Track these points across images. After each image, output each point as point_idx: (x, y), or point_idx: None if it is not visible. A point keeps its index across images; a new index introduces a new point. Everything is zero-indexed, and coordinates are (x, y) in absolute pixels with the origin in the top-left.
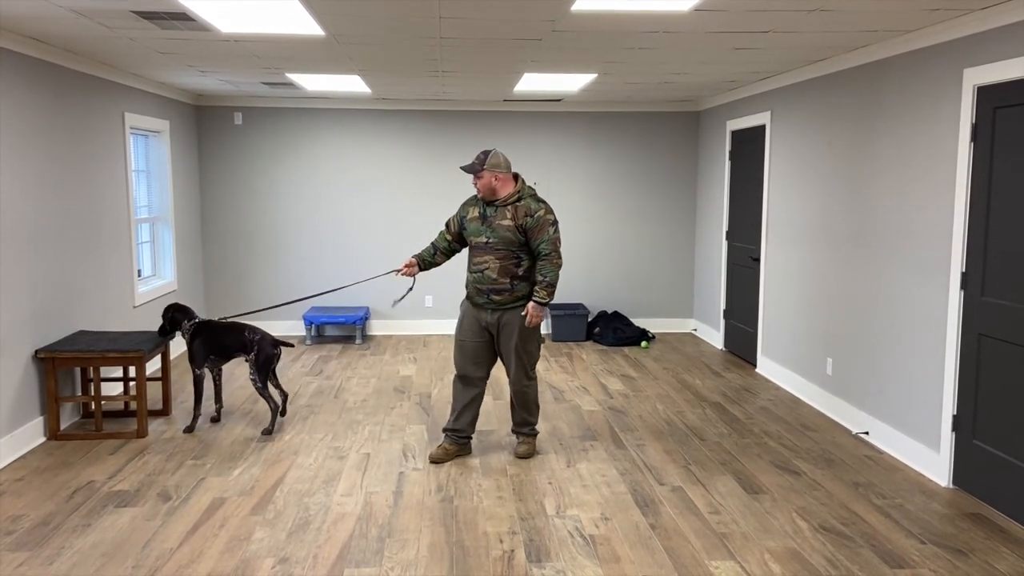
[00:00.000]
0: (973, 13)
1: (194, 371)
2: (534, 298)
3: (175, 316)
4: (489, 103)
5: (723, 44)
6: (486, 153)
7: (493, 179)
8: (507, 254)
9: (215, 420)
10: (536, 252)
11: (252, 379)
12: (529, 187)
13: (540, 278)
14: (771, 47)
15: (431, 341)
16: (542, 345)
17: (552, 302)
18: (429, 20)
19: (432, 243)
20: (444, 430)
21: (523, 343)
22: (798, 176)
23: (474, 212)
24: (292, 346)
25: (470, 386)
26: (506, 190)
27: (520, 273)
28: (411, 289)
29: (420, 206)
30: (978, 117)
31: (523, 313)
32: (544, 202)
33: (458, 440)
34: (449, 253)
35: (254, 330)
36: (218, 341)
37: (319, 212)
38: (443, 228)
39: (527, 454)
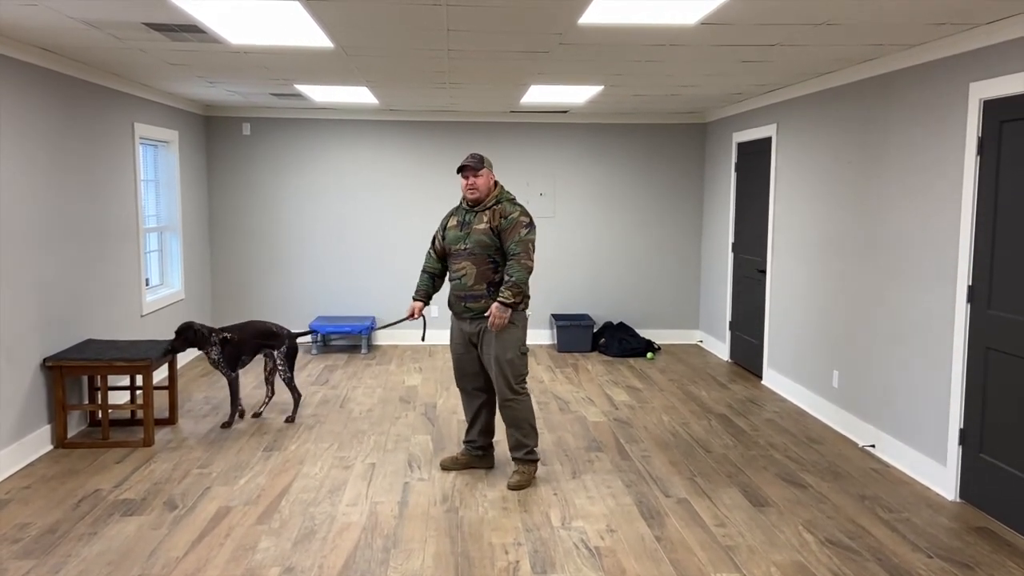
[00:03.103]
0: (979, 27)
1: (227, 375)
2: (498, 298)
3: (192, 335)
4: (496, 114)
5: (730, 57)
6: (478, 155)
7: (490, 179)
8: (483, 259)
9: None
10: (507, 252)
11: (281, 370)
12: (508, 192)
13: (506, 278)
14: (778, 60)
15: (436, 351)
16: (527, 356)
17: (527, 309)
18: (437, 33)
19: (423, 270)
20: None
21: (502, 352)
22: (804, 188)
23: (454, 221)
24: (307, 334)
25: (470, 397)
26: (490, 193)
27: (497, 280)
28: (425, 323)
29: (426, 216)
30: (984, 131)
31: (486, 314)
32: (521, 206)
33: (470, 451)
34: (442, 273)
35: (279, 326)
36: (247, 344)
37: (326, 222)
38: (428, 249)
39: (518, 486)
